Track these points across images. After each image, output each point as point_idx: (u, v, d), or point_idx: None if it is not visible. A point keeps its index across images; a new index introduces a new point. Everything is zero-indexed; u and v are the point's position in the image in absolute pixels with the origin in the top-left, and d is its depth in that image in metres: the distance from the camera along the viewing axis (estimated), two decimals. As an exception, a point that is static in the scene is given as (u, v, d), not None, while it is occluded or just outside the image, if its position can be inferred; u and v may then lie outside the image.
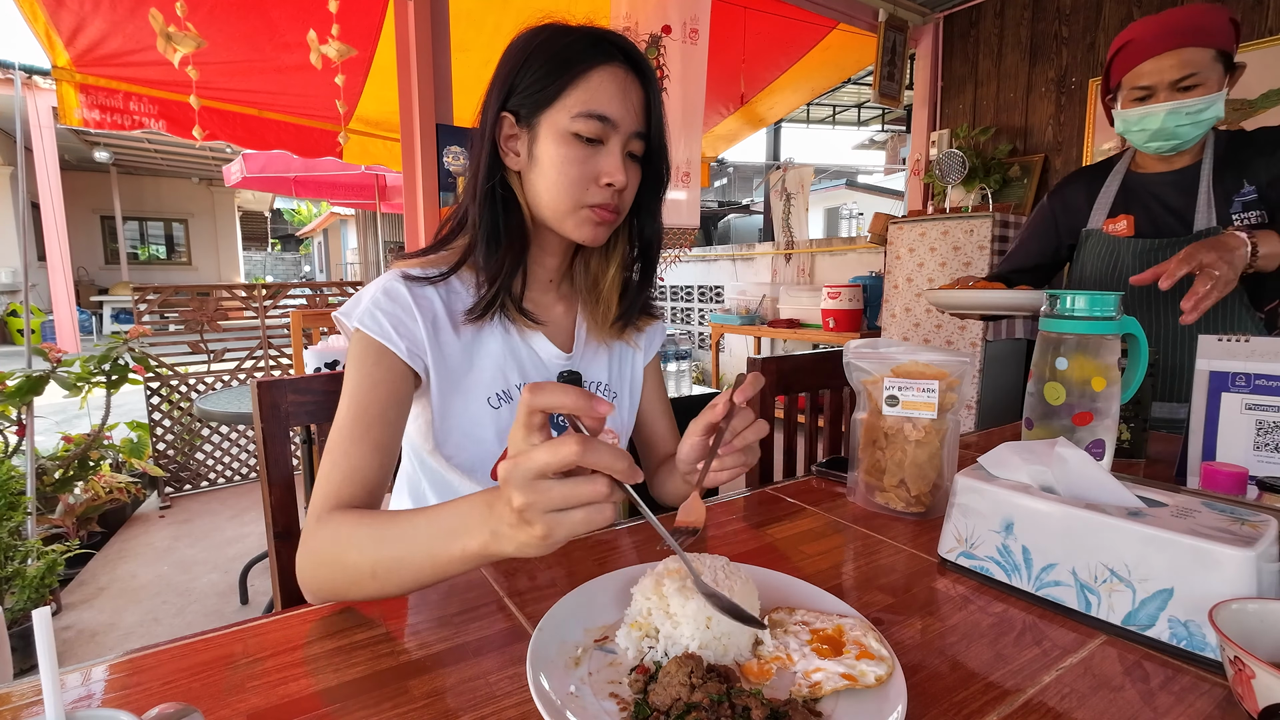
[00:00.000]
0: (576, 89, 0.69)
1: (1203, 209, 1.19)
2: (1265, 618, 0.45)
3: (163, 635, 1.81)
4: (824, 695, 0.44)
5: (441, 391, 0.74)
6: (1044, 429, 0.81)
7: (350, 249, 15.38)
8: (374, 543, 0.54)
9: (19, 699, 0.45)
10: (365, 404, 0.67)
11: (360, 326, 0.70)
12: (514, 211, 0.75)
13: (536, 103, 0.70)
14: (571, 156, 0.69)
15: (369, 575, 0.54)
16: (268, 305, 3.35)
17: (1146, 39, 1.13)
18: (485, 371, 0.76)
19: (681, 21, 2.29)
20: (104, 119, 2.78)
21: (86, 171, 10.35)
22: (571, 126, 0.69)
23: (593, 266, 0.84)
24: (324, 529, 0.59)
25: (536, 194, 0.73)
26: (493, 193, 0.73)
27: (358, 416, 0.66)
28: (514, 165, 0.74)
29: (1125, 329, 0.79)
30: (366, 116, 3.71)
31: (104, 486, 2.38)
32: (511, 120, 0.72)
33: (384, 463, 0.67)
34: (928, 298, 1.17)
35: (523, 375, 0.79)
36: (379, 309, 0.70)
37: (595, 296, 0.84)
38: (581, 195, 0.71)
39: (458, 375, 0.75)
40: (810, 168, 4.96)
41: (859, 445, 0.84)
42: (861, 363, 0.83)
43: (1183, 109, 1.12)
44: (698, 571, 0.49)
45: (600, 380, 0.86)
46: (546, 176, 0.71)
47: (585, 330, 0.85)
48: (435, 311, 0.74)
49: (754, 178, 13.55)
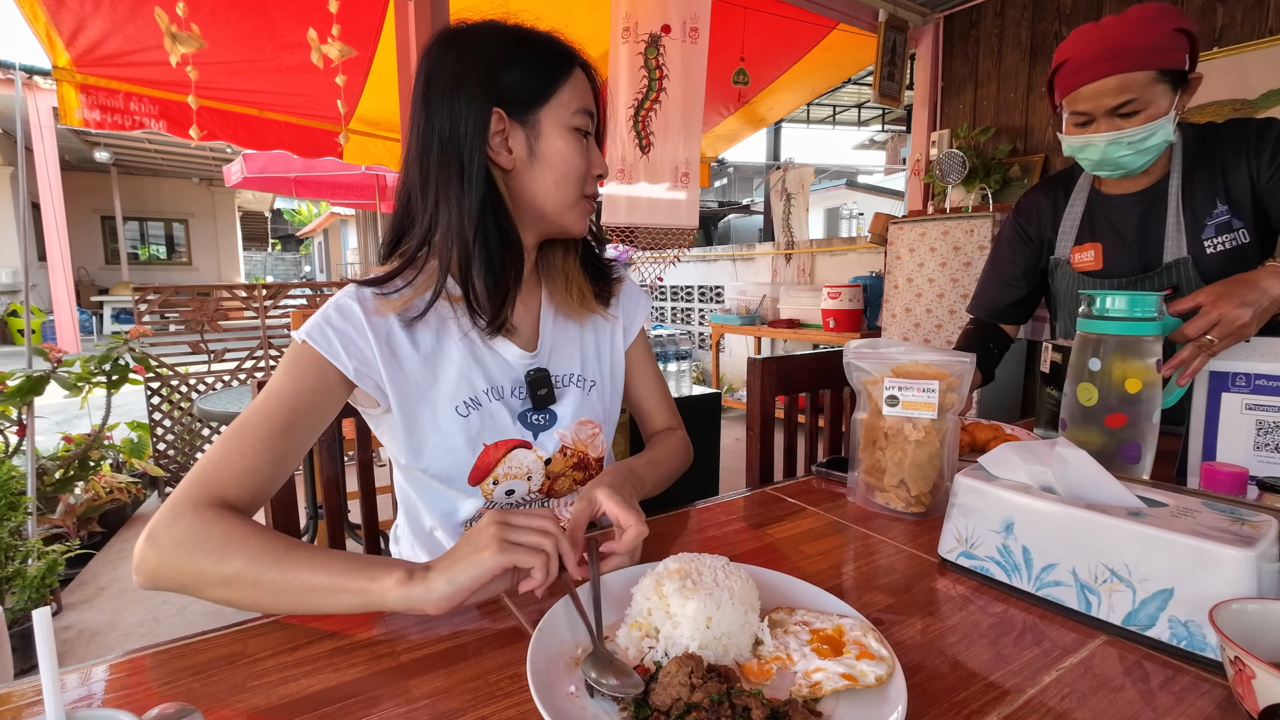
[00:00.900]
0: (568, 85, 0.71)
1: (1172, 236, 1.09)
2: (1265, 618, 0.45)
3: (163, 635, 1.81)
4: (824, 695, 0.44)
5: (405, 407, 0.72)
6: (1078, 430, 0.81)
7: (351, 249, 15.39)
8: (271, 559, 0.54)
9: (19, 699, 0.45)
10: (281, 409, 0.64)
11: (307, 339, 0.67)
12: (504, 214, 0.72)
13: (534, 99, 0.70)
14: (577, 149, 0.72)
15: (247, 584, 0.54)
16: (268, 305, 3.35)
17: (1082, 61, 1.02)
18: (450, 381, 0.74)
19: (681, 21, 2.29)
20: (104, 119, 2.78)
21: (87, 171, 10.35)
22: (573, 121, 0.71)
23: (557, 254, 0.84)
24: (215, 524, 0.56)
25: (537, 190, 0.72)
26: (487, 195, 0.69)
27: (268, 419, 0.63)
28: (504, 163, 0.71)
29: (1168, 330, 0.78)
30: (367, 116, 3.71)
31: (104, 486, 2.38)
32: (502, 115, 0.69)
33: (275, 476, 0.64)
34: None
35: (488, 379, 0.76)
36: (330, 325, 0.68)
37: (564, 276, 0.83)
38: (583, 187, 0.74)
39: (422, 388, 0.73)
40: (810, 168, 4.96)
41: (859, 445, 0.84)
42: (861, 363, 0.83)
43: (1124, 139, 1.01)
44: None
45: (572, 372, 0.83)
46: (555, 171, 0.71)
47: (553, 320, 0.83)
48: (390, 328, 0.71)
49: (754, 178, 13.56)
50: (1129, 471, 0.78)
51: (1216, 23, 2.38)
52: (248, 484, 0.61)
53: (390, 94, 2.49)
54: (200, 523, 0.56)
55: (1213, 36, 2.39)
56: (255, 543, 0.55)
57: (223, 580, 0.54)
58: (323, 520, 0.92)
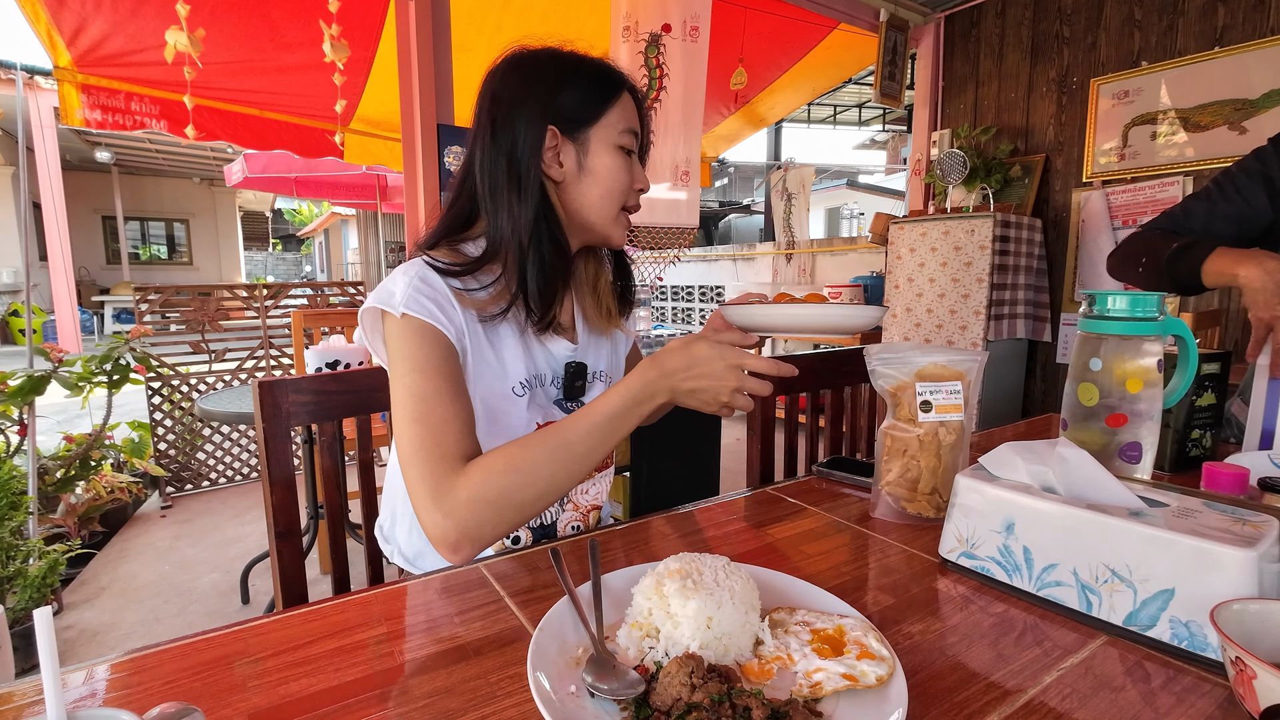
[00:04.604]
0: (616, 107, 0.78)
1: None
2: (1267, 618, 0.45)
3: (164, 635, 1.82)
4: (825, 695, 0.44)
5: (472, 378, 0.76)
6: (1078, 430, 0.80)
7: (351, 249, 15.37)
8: (561, 451, 0.65)
9: (20, 698, 0.45)
10: (445, 371, 0.69)
11: (409, 311, 0.70)
12: (555, 222, 0.78)
13: (586, 118, 0.76)
14: (622, 166, 0.79)
15: (560, 481, 0.65)
16: (269, 305, 3.35)
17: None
18: (508, 362, 0.79)
19: (682, 20, 2.29)
20: (105, 119, 2.78)
21: (88, 171, 10.35)
22: (619, 140, 0.78)
23: (590, 265, 0.90)
24: (492, 466, 0.64)
25: (584, 202, 0.79)
26: (541, 206, 0.76)
27: (443, 383, 0.69)
28: (555, 176, 0.77)
29: (1169, 330, 0.78)
30: (367, 116, 3.71)
31: (105, 486, 2.38)
32: (555, 133, 0.76)
33: (474, 423, 0.71)
34: (727, 314, 0.74)
35: (537, 368, 0.82)
36: (421, 294, 0.71)
37: (595, 293, 0.89)
38: (625, 201, 0.81)
39: (485, 365, 0.78)
40: (811, 168, 4.96)
41: (882, 457, 0.81)
42: (887, 369, 0.80)
43: None
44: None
45: (601, 369, 0.90)
46: (601, 185, 0.78)
47: (583, 324, 0.89)
48: (463, 303, 0.76)
49: (755, 178, 13.54)
50: (1129, 471, 0.78)
51: (1217, 23, 2.38)
52: (468, 432, 0.69)
53: (391, 94, 2.48)
54: (474, 483, 0.63)
55: (1214, 36, 2.39)
56: (535, 454, 0.65)
57: (537, 497, 0.65)
58: (323, 520, 0.92)
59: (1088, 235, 2.78)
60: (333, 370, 1.10)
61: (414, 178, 2.19)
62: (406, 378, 0.68)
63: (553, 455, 0.64)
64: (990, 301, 2.64)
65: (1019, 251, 2.73)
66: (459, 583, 0.63)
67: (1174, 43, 2.51)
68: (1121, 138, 2.66)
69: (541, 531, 0.85)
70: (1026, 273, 2.79)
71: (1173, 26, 2.50)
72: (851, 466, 0.98)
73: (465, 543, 0.63)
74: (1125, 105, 2.64)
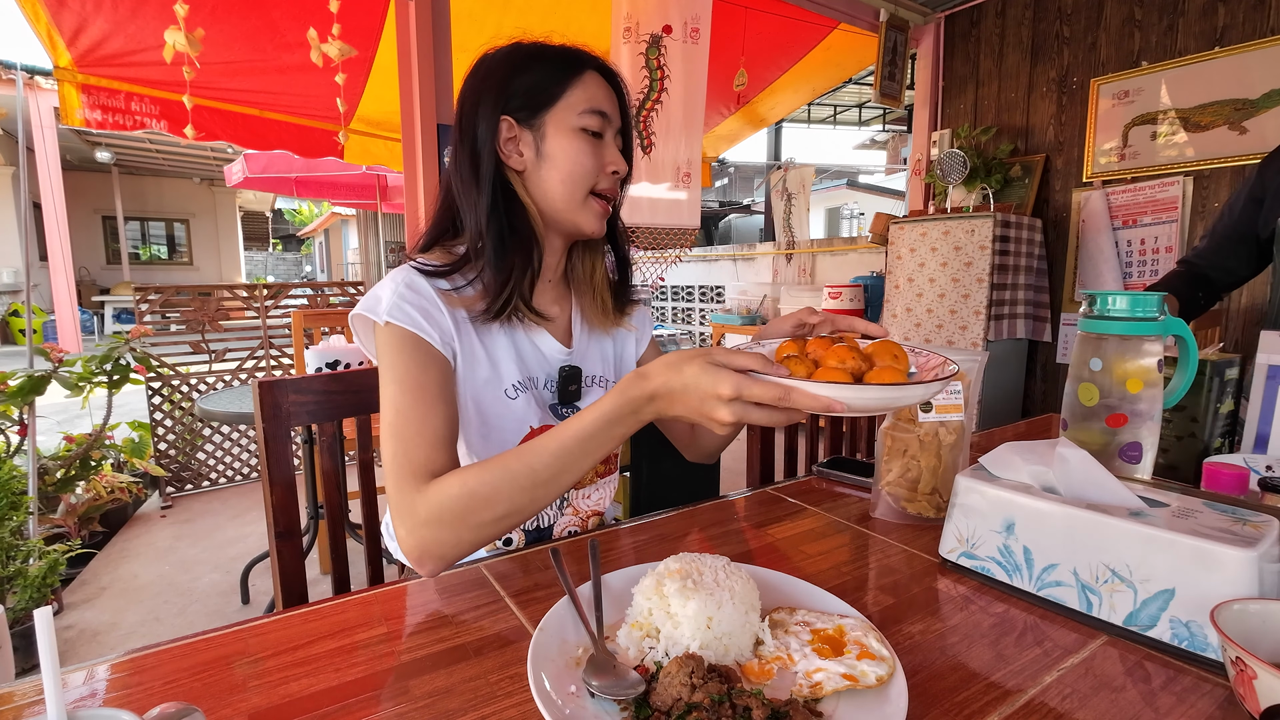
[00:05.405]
0: (575, 89, 0.75)
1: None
2: (1267, 618, 0.45)
3: (164, 635, 1.82)
4: (825, 695, 0.44)
5: (463, 381, 0.76)
6: (1079, 430, 0.80)
7: (352, 249, 15.38)
8: (524, 477, 0.61)
9: (21, 698, 0.45)
10: (423, 383, 0.69)
11: (392, 320, 0.70)
12: (519, 212, 0.77)
13: (539, 103, 0.74)
14: (583, 149, 0.75)
15: (525, 501, 0.61)
16: (269, 305, 3.35)
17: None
18: (500, 365, 0.79)
19: (682, 21, 2.29)
20: (105, 119, 2.78)
21: (88, 171, 10.35)
22: (578, 122, 0.75)
23: (586, 261, 0.88)
24: (447, 490, 0.62)
25: (547, 189, 0.76)
26: (497, 196, 0.75)
27: (419, 396, 0.68)
28: (516, 165, 0.76)
29: (1169, 330, 0.78)
30: (367, 116, 3.71)
31: (105, 486, 2.39)
32: (511, 123, 0.75)
33: (454, 435, 0.70)
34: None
35: (529, 370, 0.81)
36: (406, 301, 0.71)
37: (591, 289, 0.88)
38: (591, 184, 0.77)
39: (478, 367, 0.77)
40: (811, 168, 4.96)
41: (883, 457, 0.81)
42: None
43: None
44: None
45: (596, 373, 0.88)
46: (560, 169, 0.75)
47: (581, 324, 0.88)
48: (452, 304, 0.76)
49: (755, 178, 13.54)
50: (1129, 471, 0.78)
51: (1217, 22, 2.38)
52: (441, 446, 0.67)
53: (391, 94, 2.48)
54: (438, 500, 0.62)
55: (1214, 36, 2.39)
56: (498, 474, 0.61)
57: (496, 519, 0.61)
58: (323, 520, 0.92)
59: (1088, 235, 2.78)
60: (333, 370, 1.10)
61: (414, 178, 2.19)
62: (388, 389, 0.69)
63: (514, 479, 0.61)
64: (990, 301, 2.64)
65: (1019, 251, 2.73)
66: (459, 583, 0.63)
67: (1174, 43, 2.50)
68: (1122, 138, 2.66)
69: (536, 535, 0.85)
70: (1026, 273, 2.79)
71: (1173, 26, 2.50)
72: (851, 466, 0.98)
73: (427, 559, 0.62)
74: (1125, 105, 2.64)
